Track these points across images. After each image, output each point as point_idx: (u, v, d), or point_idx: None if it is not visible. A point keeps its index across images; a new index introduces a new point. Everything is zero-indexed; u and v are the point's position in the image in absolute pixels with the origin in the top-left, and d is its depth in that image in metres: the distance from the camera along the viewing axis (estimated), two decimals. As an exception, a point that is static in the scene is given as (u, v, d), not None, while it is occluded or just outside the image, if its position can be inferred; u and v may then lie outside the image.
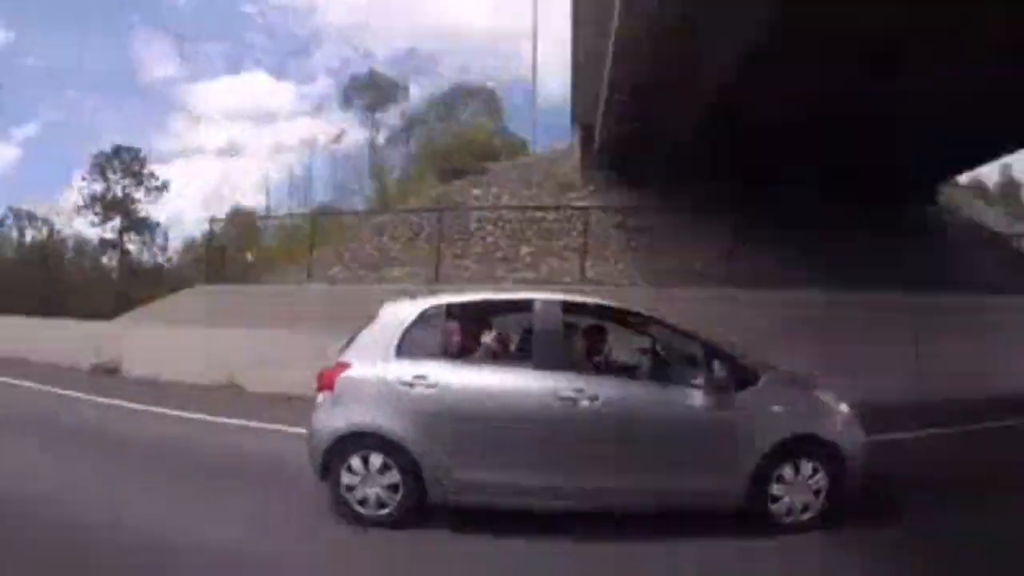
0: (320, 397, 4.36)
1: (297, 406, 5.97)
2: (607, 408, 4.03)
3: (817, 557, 3.86)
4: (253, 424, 7.21)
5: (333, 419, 4.22)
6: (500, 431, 4.04)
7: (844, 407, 4.39)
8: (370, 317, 4.55)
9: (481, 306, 4.69)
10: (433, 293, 5.10)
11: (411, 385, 4.13)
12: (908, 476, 5.09)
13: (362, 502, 4.11)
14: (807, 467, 4.08)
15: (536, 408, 4.03)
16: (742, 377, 4.17)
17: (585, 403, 4.01)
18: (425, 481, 4.05)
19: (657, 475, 4.04)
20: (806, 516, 4.07)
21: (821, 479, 4.07)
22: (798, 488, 4.07)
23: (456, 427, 4.06)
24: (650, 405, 4.11)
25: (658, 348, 4.55)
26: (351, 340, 4.54)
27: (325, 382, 4.34)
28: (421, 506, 4.09)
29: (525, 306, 4.41)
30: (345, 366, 4.32)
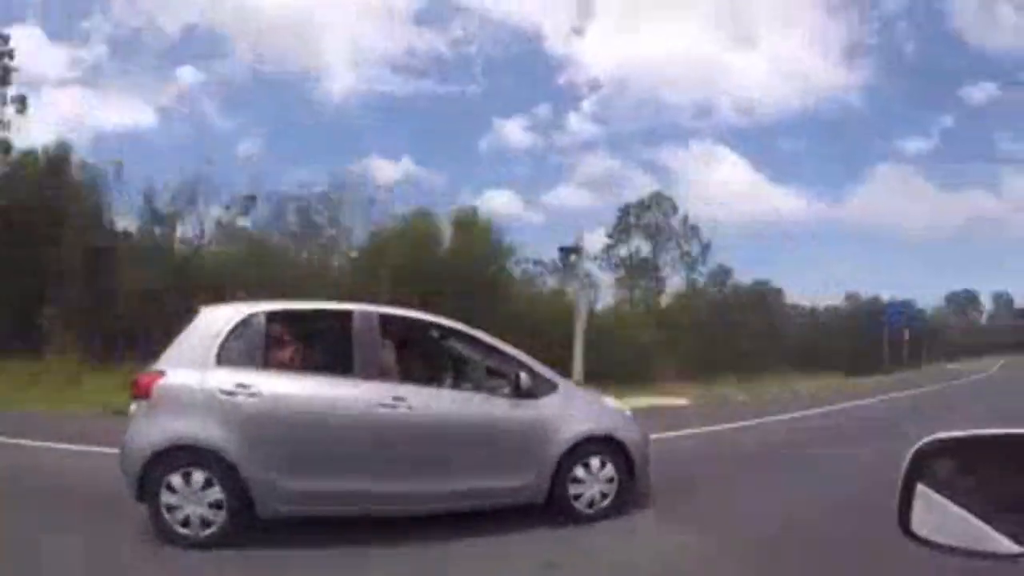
0: (134, 407, 4.20)
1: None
2: (425, 415, 4.32)
3: (608, 541, 4.42)
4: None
5: (150, 432, 4.06)
6: (327, 439, 4.17)
7: (626, 410, 5.06)
8: (186, 322, 4.47)
9: (301, 315, 4.78)
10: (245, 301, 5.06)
11: (233, 394, 4.10)
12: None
13: (184, 522, 3.96)
14: (600, 463, 4.65)
15: (360, 416, 4.22)
16: (544, 385, 4.67)
17: (404, 410, 4.27)
18: (252, 494, 4.02)
19: (474, 476, 4.40)
20: (603, 506, 4.64)
21: (612, 472, 4.67)
22: (594, 481, 4.63)
23: (282, 436, 4.10)
24: (464, 412, 4.48)
25: (467, 358, 4.94)
26: (168, 346, 4.43)
27: (140, 390, 4.15)
28: (247, 522, 4.05)
29: (344, 316, 4.54)
30: (161, 374, 4.18)
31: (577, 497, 4.59)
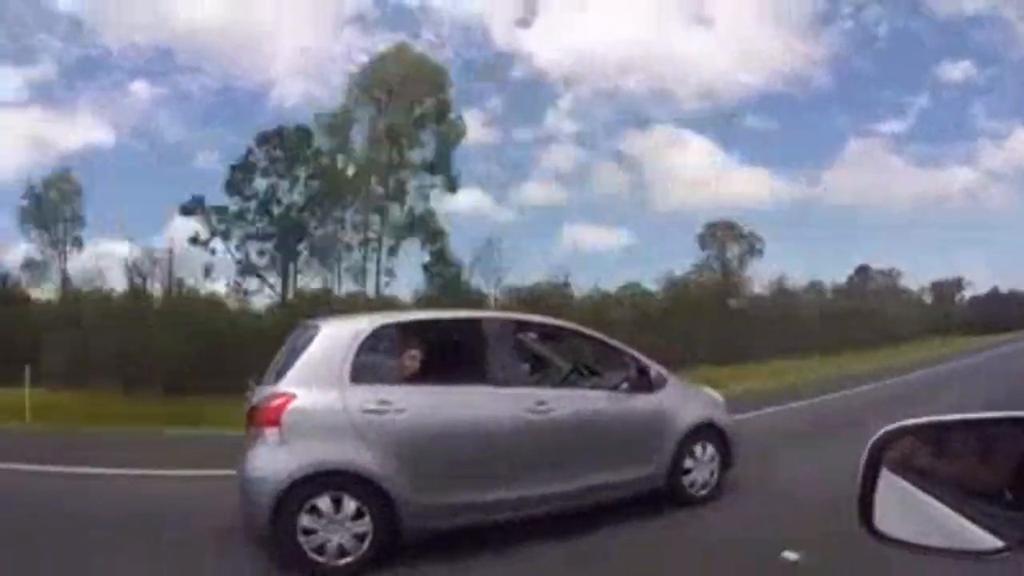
0: (257, 436, 3.78)
1: None
2: (567, 417, 4.35)
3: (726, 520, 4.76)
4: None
5: (285, 460, 3.70)
6: (476, 450, 4.07)
7: (720, 398, 5.44)
8: (300, 340, 4.11)
9: (431, 325, 4.59)
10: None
11: (377, 412, 3.86)
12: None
13: (328, 551, 3.69)
14: (705, 448, 4.97)
15: (506, 424, 4.15)
16: (657, 380, 4.89)
17: (547, 415, 4.26)
18: (399, 513, 3.82)
19: (607, 471, 4.49)
20: (710, 487, 4.96)
21: (715, 455, 5.01)
22: (702, 466, 4.93)
23: (432, 451, 3.94)
24: (598, 410, 4.57)
25: (590, 358, 5.04)
26: (281, 367, 4.03)
27: (267, 417, 3.77)
28: (393, 545, 3.85)
29: (476, 324, 4.48)
30: (290, 397, 3.81)
31: (689, 482, 4.87)
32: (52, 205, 23.79)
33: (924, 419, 1.20)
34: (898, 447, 1.21)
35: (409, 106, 25.29)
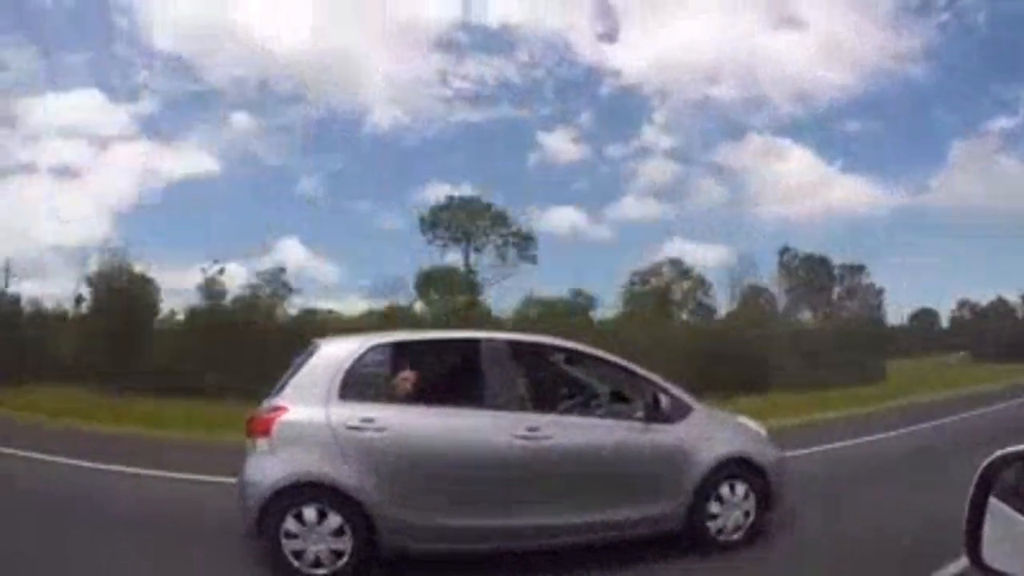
0: (252, 444, 3.99)
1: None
2: (561, 445, 4.07)
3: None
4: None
5: (272, 468, 3.86)
6: (458, 474, 3.94)
7: (762, 429, 4.78)
8: (303, 357, 4.25)
9: (425, 345, 4.53)
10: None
11: (359, 429, 3.89)
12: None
13: (306, 560, 3.78)
14: (739, 487, 4.39)
15: (493, 449, 3.98)
16: (679, 408, 4.40)
17: (540, 442, 4.02)
18: (378, 531, 3.82)
19: (610, 507, 4.15)
20: (741, 533, 4.38)
21: (750, 497, 4.41)
22: (732, 507, 4.37)
23: (411, 472, 3.89)
24: (600, 440, 4.21)
25: (599, 382, 4.68)
26: (283, 382, 4.21)
27: (260, 427, 3.96)
28: (372, 560, 3.86)
29: (470, 345, 4.34)
30: (281, 409, 3.98)
31: (714, 521, 4.33)
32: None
33: None
34: (1009, 474, 1.15)
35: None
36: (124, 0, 25.53)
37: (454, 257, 25.87)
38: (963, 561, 1.28)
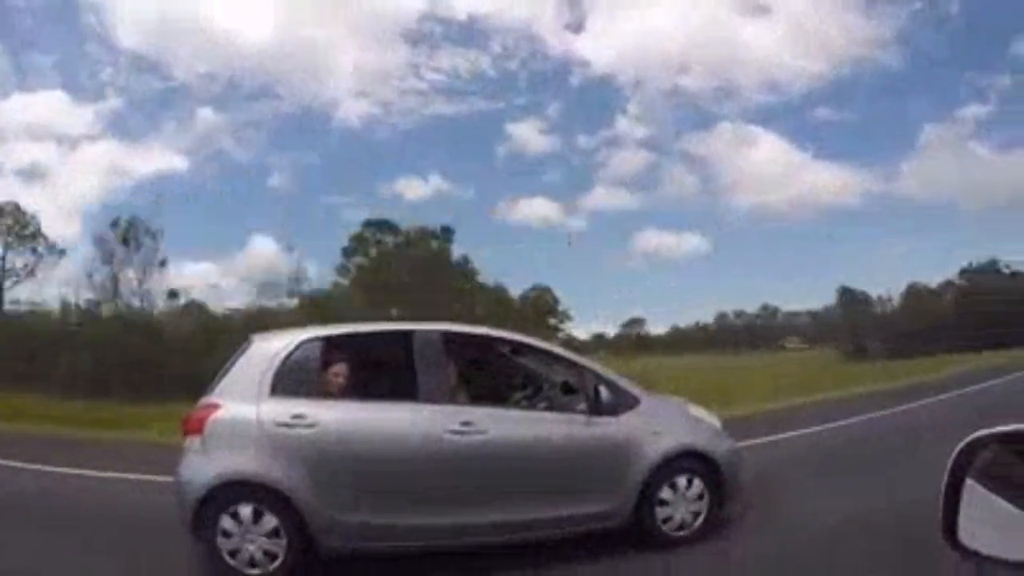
0: (187, 443, 3.97)
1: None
2: (496, 440, 3.96)
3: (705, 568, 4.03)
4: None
5: (204, 468, 3.83)
6: (389, 470, 3.86)
7: (715, 420, 4.60)
8: (238, 352, 4.20)
9: (358, 339, 4.44)
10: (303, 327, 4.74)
11: (289, 426, 3.83)
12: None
13: (243, 560, 3.74)
14: (688, 481, 4.23)
15: (425, 444, 3.89)
16: (624, 399, 4.25)
17: (473, 436, 3.91)
18: (312, 531, 3.77)
19: (551, 503, 4.03)
20: (693, 527, 4.23)
21: (702, 491, 4.24)
22: (682, 502, 4.21)
23: (342, 469, 3.82)
24: (538, 434, 4.09)
25: (539, 375, 4.55)
26: (218, 379, 4.18)
27: (192, 425, 3.93)
28: (308, 560, 3.81)
29: (404, 337, 4.23)
30: (214, 407, 3.95)
31: (665, 520, 4.18)
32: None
33: (1013, 426, 1.15)
34: (984, 456, 1.16)
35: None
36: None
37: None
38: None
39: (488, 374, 4.64)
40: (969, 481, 1.15)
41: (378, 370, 4.30)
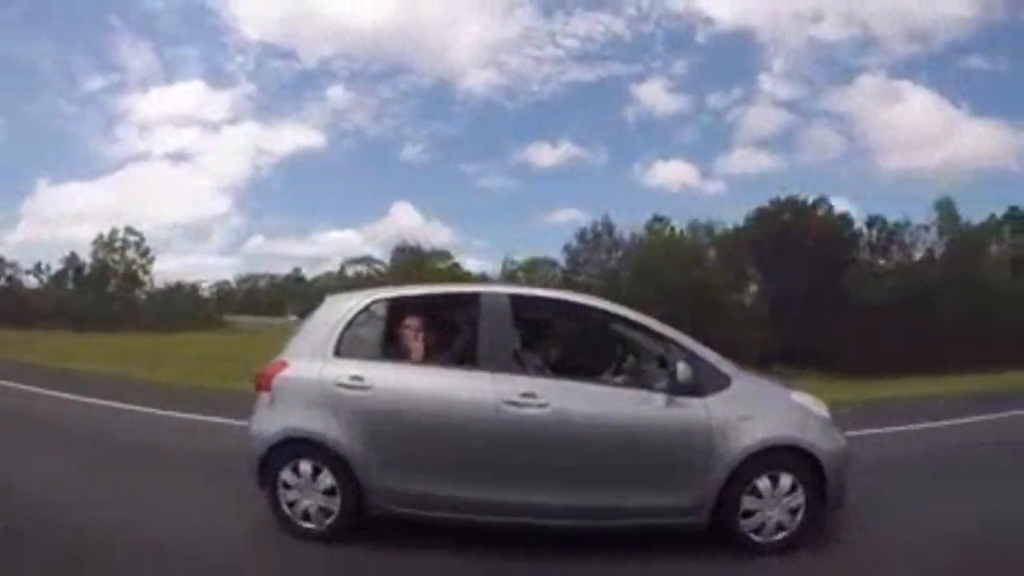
0: (259, 398, 4.08)
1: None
2: (559, 415, 3.64)
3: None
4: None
5: (270, 423, 3.90)
6: (441, 439, 3.69)
7: (823, 411, 3.93)
8: (312, 311, 4.24)
9: (424, 300, 4.30)
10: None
11: (347, 387, 3.79)
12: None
13: (301, 514, 3.81)
14: (785, 481, 3.66)
15: (479, 414, 3.67)
16: (713, 378, 3.74)
17: (534, 410, 3.63)
18: (363, 492, 3.73)
19: (617, 490, 3.65)
20: (781, 536, 3.66)
21: (799, 494, 3.66)
22: (772, 504, 3.65)
23: (394, 434, 3.72)
24: (607, 411, 3.70)
25: (619, 347, 4.14)
26: (292, 336, 4.25)
27: (263, 382, 4.02)
28: (361, 519, 3.79)
29: (470, 299, 4.02)
30: (282, 365, 4.01)
31: (748, 522, 3.66)
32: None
33: None
34: None
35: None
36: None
37: (565, 215, 25.89)
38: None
39: (559, 341, 4.33)
40: None
41: (441, 333, 4.14)
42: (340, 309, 4.08)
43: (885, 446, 6.44)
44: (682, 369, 3.62)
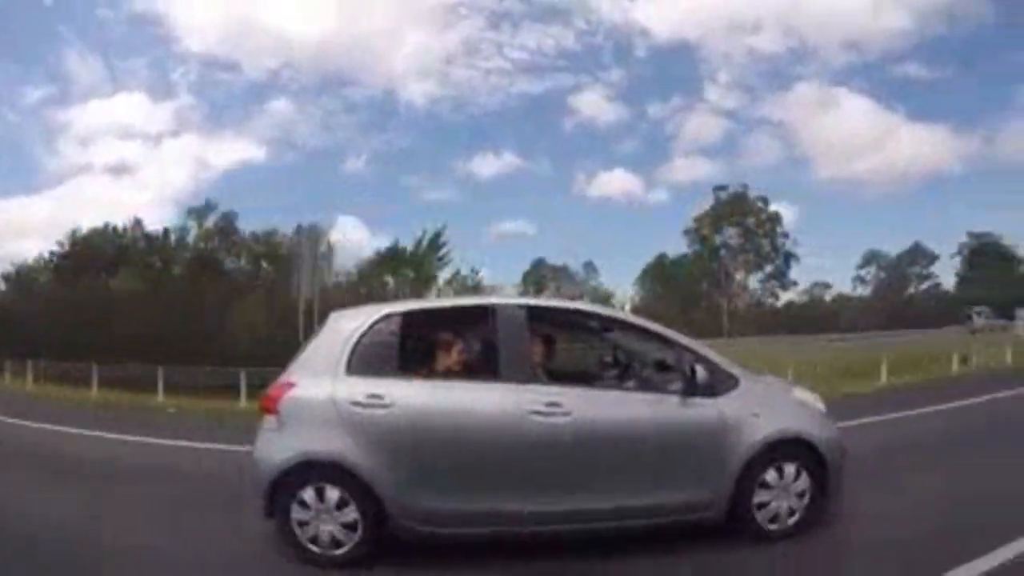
0: (263, 421, 3.86)
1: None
2: (583, 422, 3.69)
3: (808, 565, 3.71)
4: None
5: (279, 447, 3.72)
6: (470, 453, 3.66)
7: (820, 405, 4.22)
8: (317, 329, 4.06)
9: (437, 314, 4.23)
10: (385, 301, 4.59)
11: (364, 405, 3.67)
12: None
13: (315, 540, 3.65)
14: (791, 470, 3.89)
15: (507, 426, 3.67)
16: (724, 380, 3.92)
17: (560, 418, 3.67)
18: (389, 514, 3.62)
19: (641, 491, 3.76)
20: (791, 521, 3.89)
21: (804, 481, 3.90)
22: (781, 493, 3.88)
23: (420, 451, 3.65)
24: (629, 416, 3.80)
25: (630, 351, 4.26)
26: (297, 355, 4.06)
27: (268, 404, 3.82)
28: (382, 542, 3.68)
29: (486, 312, 3.99)
30: (289, 385, 3.82)
31: (761, 510, 3.86)
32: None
33: None
34: None
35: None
36: (157, 9, 26.65)
37: (512, 226, 26.04)
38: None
39: (575, 351, 4.38)
40: None
41: (460, 347, 4.08)
42: (349, 325, 3.94)
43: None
44: (700, 372, 3.77)
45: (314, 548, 3.66)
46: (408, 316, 3.99)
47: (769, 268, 47.42)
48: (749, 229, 43.50)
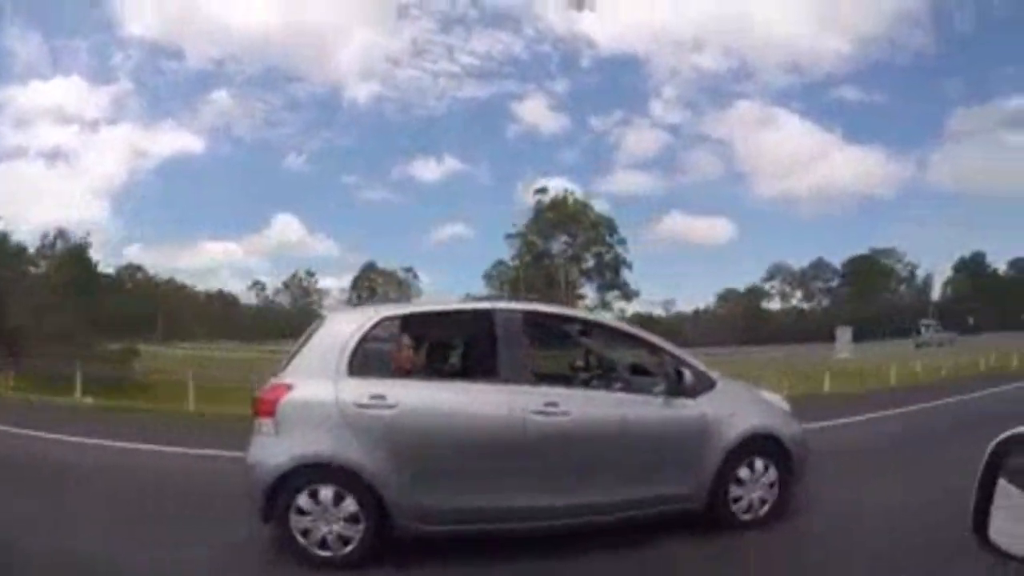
0: (258, 425, 3.80)
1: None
2: (580, 422, 3.89)
3: (780, 550, 4.05)
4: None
5: (277, 450, 3.68)
6: (474, 452, 3.77)
7: (784, 403, 4.62)
8: (311, 330, 4.04)
9: (437, 316, 4.32)
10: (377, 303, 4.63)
11: (369, 407, 3.70)
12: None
13: (318, 543, 3.64)
14: (761, 464, 4.24)
15: (509, 426, 3.80)
16: (702, 381, 4.23)
17: (559, 418, 3.84)
18: (392, 514, 3.67)
19: (631, 486, 3.99)
20: (763, 511, 4.24)
21: (773, 474, 4.26)
22: (755, 485, 4.22)
23: (425, 451, 3.72)
24: (621, 416, 4.03)
25: (617, 355, 4.50)
26: (290, 357, 4.02)
27: (263, 407, 3.77)
28: (385, 542, 3.72)
29: (485, 316, 4.12)
30: (287, 387, 3.79)
31: (736, 501, 4.19)
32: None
33: None
34: (1018, 455, 1.14)
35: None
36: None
37: (451, 230, 25.93)
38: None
39: (567, 354, 4.57)
40: (1002, 481, 1.14)
41: (458, 349, 4.20)
42: (347, 327, 3.96)
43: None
44: (687, 375, 4.06)
45: (315, 548, 3.64)
46: (408, 318, 4.07)
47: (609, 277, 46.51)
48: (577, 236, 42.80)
